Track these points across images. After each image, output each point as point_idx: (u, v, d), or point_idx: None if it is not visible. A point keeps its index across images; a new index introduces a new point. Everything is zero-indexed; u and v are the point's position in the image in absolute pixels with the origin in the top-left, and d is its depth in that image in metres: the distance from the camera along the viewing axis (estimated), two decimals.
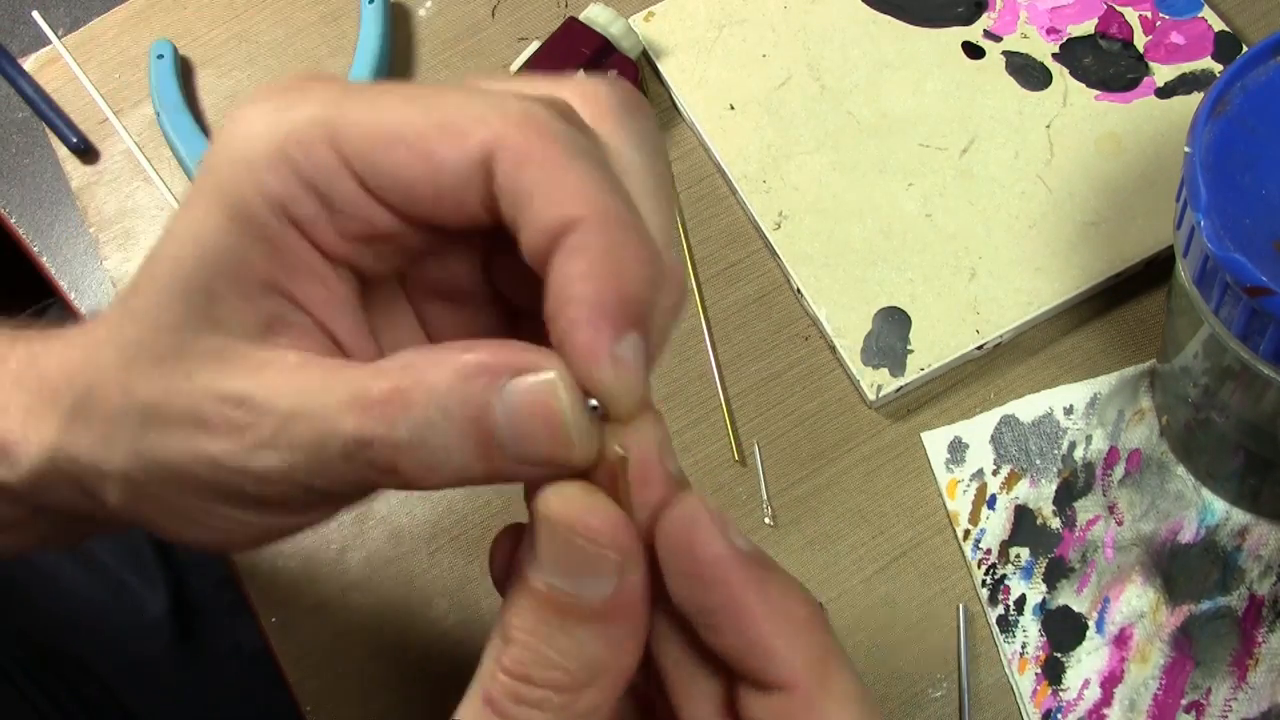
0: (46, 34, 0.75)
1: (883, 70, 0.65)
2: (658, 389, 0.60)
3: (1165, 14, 0.65)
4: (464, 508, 0.59)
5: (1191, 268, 0.44)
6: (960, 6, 0.67)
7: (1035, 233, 0.60)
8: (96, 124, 0.72)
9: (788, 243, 0.61)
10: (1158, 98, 0.63)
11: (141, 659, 0.71)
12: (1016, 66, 0.65)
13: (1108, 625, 0.54)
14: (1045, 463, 0.57)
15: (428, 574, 0.58)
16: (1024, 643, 0.54)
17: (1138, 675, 0.53)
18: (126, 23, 0.75)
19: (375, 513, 0.60)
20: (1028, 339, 0.59)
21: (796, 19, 0.67)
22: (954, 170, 0.62)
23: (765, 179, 0.63)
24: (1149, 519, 0.55)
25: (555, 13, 0.71)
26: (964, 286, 0.59)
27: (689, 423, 0.60)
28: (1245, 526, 0.55)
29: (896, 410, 0.59)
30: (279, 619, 0.58)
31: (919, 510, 0.57)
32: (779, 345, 0.61)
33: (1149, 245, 0.59)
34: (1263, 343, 0.42)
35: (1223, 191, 0.42)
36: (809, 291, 0.60)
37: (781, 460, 0.58)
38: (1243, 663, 0.52)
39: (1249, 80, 0.44)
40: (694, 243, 0.64)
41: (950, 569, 0.56)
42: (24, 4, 0.76)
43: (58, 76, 0.73)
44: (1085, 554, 0.55)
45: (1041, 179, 0.62)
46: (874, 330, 0.59)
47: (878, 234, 0.61)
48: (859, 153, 0.63)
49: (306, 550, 0.59)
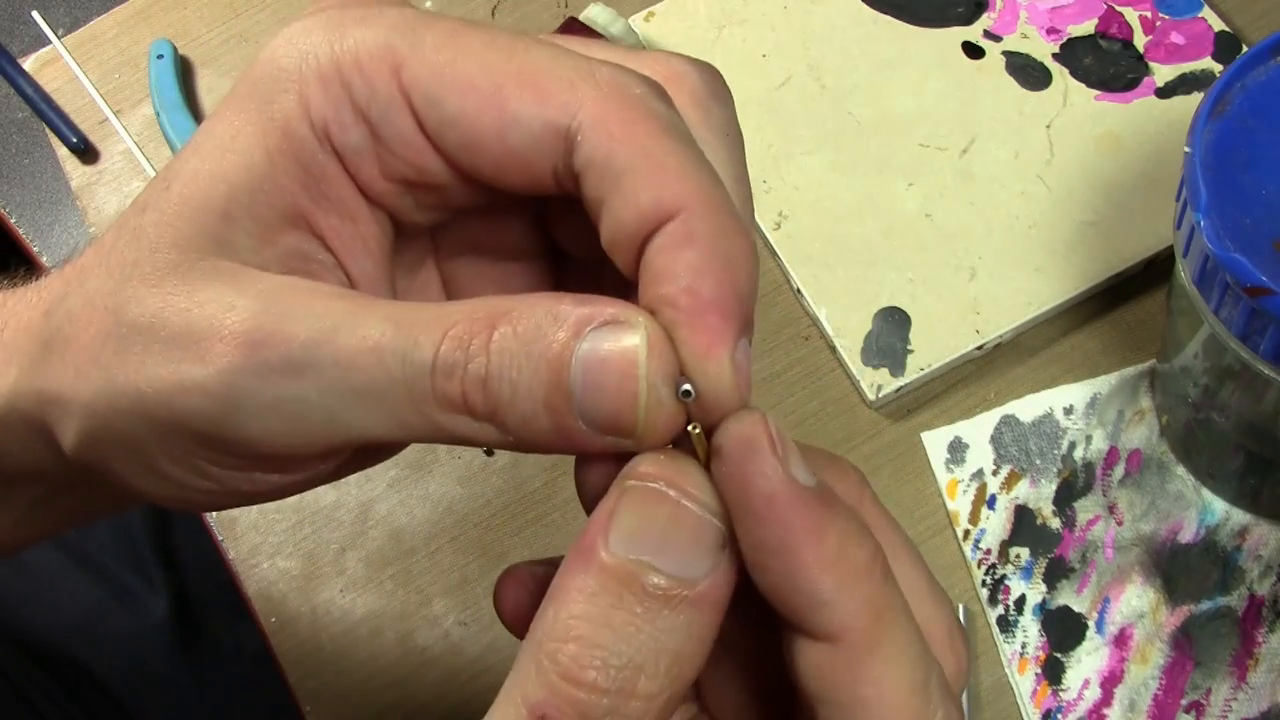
0: (46, 34, 0.75)
1: (883, 70, 0.65)
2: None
3: (1165, 14, 0.65)
4: (464, 508, 0.59)
5: (1191, 268, 0.44)
6: (960, 6, 0.67)
7: (1035, 233, 0.60)
8: (96, 124, 0.72)
9: (788, 243, 0.61)
10: (1158, 98, 0.63)
11: (142, 661, 0.71)
12: (1016, 66, 0.65)
13: (1108, 625, 0.54)
14: (1045, 463, 0.57)
15: (428, 574, 0.58)
16: (1024, 643, 0.54)
17: (1138, 675, 0.53)
18: (126, 23, 0.75)
19: (375, 513, 0.60)
20: (1028, 339, 0.59)
21: (796, 19, 0.67)
22: (954, 170, 0.62)
23: (765, 179, 0.63)
24: (1149, 519, 0.55)
25: (555, 13, 0.71)
26: (964, 286, 0.59)
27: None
28: (1245, 526, 0.55)
29: (896, 410, 0.59)
30: (279, 619, 0.58)
31: (919, 510, 0.57)
32: (779, 345, 0.61)
33: (1149, 245, 0.59)
34: (1263, 343, 0.42)
35: (1223, 191, 0.42)
36: (809, 291, 0.60)
37: None
38: (1243, 663, 0.52)
39: (1249, 80, 0.44)
40: None
41: (950, 569, 0.56)
42: (24, 4, 0.76)
43: (58, 76, 0.73)
44: (1085, 554, 0.55)
45: (1041, 179, 0.62)
46: (874, 330, 0.59)
47: (878, 234, 0.61)
48: (859, 153, 0.63)
49: (306, 550, 0.59)
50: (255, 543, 0.60)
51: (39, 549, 0.72)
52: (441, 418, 0.26)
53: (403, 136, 0.27)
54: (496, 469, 0.60)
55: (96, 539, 0.73)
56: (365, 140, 0.27)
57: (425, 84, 0.26)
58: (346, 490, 0.60)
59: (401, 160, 0.27)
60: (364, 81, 0.26)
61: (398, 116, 0.27)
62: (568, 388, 0.25)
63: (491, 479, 0.60)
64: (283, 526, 0.60)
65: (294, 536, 0.60)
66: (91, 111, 0.72)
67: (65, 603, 0.72)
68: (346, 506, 0.60)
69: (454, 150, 0.27)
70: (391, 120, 0.27)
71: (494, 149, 0.27)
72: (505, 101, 0.26)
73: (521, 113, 0.26)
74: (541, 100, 0.26)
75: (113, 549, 0.73)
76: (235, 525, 0.60)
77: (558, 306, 0.25)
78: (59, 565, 0.72)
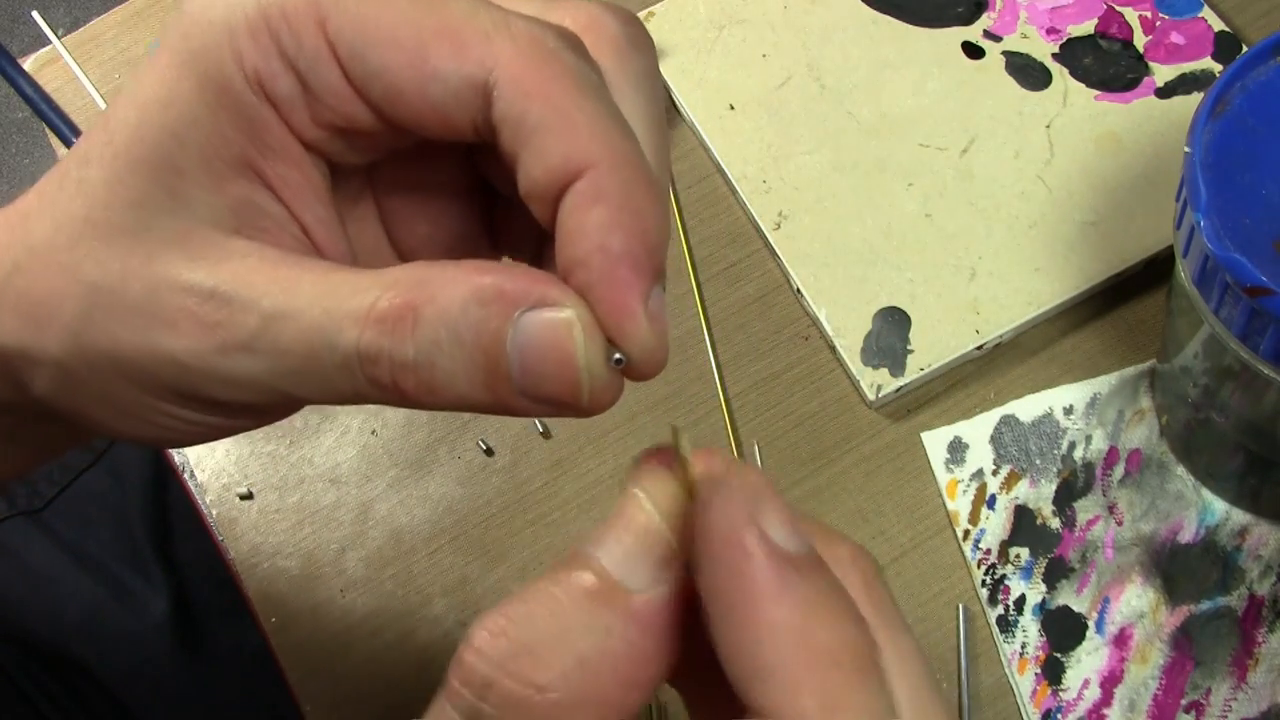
0: (46, 34, 0.75)
1: (883, 70, 0.65)
2: (658, 389, 0.60)
3: (1165, 14, 0.65)
4: (464, 508, 0.59)
5: (1191, 268, 0.44)
6: (960, 6, 0.67)
7: (1035, 233, 0.60)
8: None
9: (788, 243, 0.61)
10: (1158, 98, 0.63)
11: (143, 661, 0.71)
12: (1016, 66, 0.65)
13: (1107, 625, 0.54)
14: (1045, 463, 0.57)
15: (428, 574, 0.58)
16: (1024, 643, 0.54)
17: (1137, 675, 0.53)
18: (126, 23, 0.75)
19: (375, 513, 0.60)
20: (1028, 339, 0.59)
21: (796, 19, 0.67)
22: (954, 170, 0.62)
23: (765, 179, 0.63)
24: (1149, 519, 0.55)
25: None
26: (964, 286, 0.59)
27: (689, 423, 0.60)
28: (1245, 526, 0.55)
29: (896, 410, 0.59)
30: (279, 619, 0.58)
31: (919, 510, 0.57)
32: (779, 345, 0.61)
33: (1149, 245, 0.59)
34: (1263, 343, 0.42)
35: (1223, 191, 0.42)
36: (809, 291, 0.60)
37: (781, 460, 0.58)
38: (1242, 663, 0.52)
39: (1249, 80, 0.44)
40: (694, 243, 0.64)
41: (950, 569, 0.56)
42: (24, 4, 0.76)
43: (58, 76, 0.73)
44: (1085, 554, 0.55)
45: (1041, 179, 0.62)
46: (874, 330, 0.59)
47: (878, 234, 0.61)
48: (859, 153, 0.63)
49: (306, 550, 0.59)
50: (255, 543, 0.60)
51: (39, 549, 0.72)
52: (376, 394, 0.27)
53: (330, 87, 0.27)
54: (496, 469, 0.60)
55: (97, 539, 0.73)
56: (295, 90, 0.27)
57: (350, 37, 0.27)
58: (346, 490, 0.60)
59: (330, 109, 0.28)
60: (290, 33, 0.27)
61: (324, 68, 0.27)
62: (506, 371, 0.26)
63: (491, 479, 0.60)
64: (283, 526, 0.60)
65: (294, 536, 0.60)
66: (91, 112, 0.72)
67: (65, 602, 0.71)
68: (346, 506, 0.60)
69: (379, 101, 0.27)
70: (319, 71, 0.27)
71: (416, 102, 0.27)
72: (425, 56, 0.27)
73: (440, 67, 0.27)
74: (459, 55, 0.26)
75: (113, 549, 0.73)
76: (235, 525, 0.60)
77: (480, 283, 0.26)
78: (59, 565, 0.72)
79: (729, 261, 0.63)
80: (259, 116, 0.27)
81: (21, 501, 0.74)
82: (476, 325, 0.26)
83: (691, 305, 0.62)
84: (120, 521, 0.74)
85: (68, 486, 0.74)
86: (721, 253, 0.63)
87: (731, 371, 0.61)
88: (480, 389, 0.26)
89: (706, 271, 0.63)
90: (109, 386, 0.29)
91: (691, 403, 0.60)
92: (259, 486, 0.61)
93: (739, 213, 0.64)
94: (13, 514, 0.73)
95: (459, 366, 0.26)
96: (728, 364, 0.61)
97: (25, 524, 0.73)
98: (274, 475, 0.61)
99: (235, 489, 0.61)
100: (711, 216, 0.64)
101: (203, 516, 0.61)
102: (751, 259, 0.63)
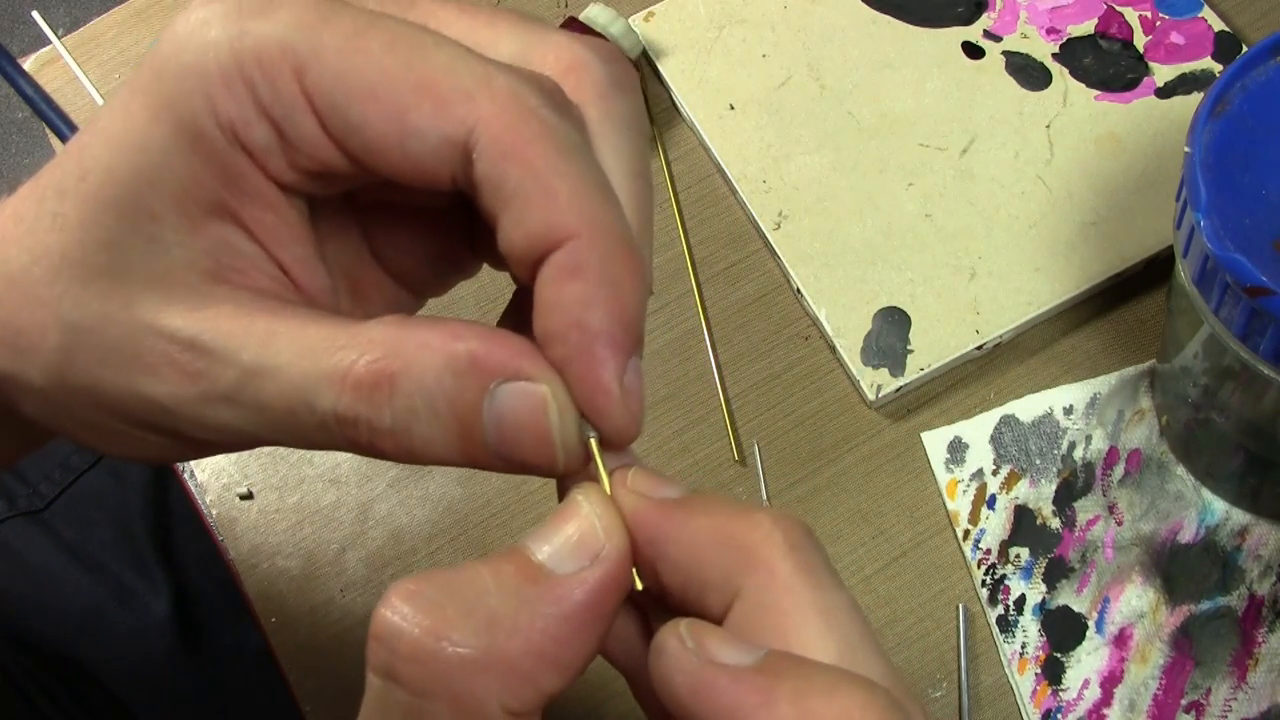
0: (46, 34, 0.74)
1: (883, 70, 0.65)
2: (658, 389, 0.60)
3: (1165, 14, 0.65)
4: (464, 508, 0.59)
5: (1191, 268, 0.44)
6: (960, 6, 0.67)
7: (1035, 233, 0.60)
8: None
9: (788, 243, 0.61)
10: (1158, 98, 0.63)
11: (143, 661, 0.71)
12: (1016, 66, 0.65)
13: (1107, 625, 0.54)
14: (1045, 463, 0.57)
15: None
16: (1024, 643, 0.54)
17: (1137, 675, 0.53)
18: (126, 23, 0.75)
19: (375, 513, 0.60)
20: (1028, 339, 0.59)
21: (796, 19, 0.67)
22: (954, 170, 0.62)
23: (765, 179, 0.63)
24: (1149, 519, 0.55)
25: (555, 13, 0.71)
26: (964, 286, 0.59)
27: (689, 423, 0.60)
28: (1245, 526, 0.55)
29: (896, 410, 0.59)
30: (279, 619, 0.58)
31: (919, 510, 0.57)
32: (779, 345, 0.61)
33: (1149, 245, 0.59)
34: (1263, 343, 0.42)
35: (1223, 191, 0.42)
36: (809, 291, 0.60)
37: (781, 460, 0.58)
38: (1242, 663, 0.52)
39: (1249, 80, 0.44)
40: (694, 243, 0.64)
41: (950, 569, 0.56)
42: (24, 4, 0.76)
43: (58, 76, 0.73)
44: (1085, 554, 0.55)
45: (1041, 179, 0.62)
46: (874, 330, 0.59)
47: (878, 234, 0.61)
48: (859, 153, 0.63)
49: (306, 550, 0.59)
50: (255, 543, 0.60)
51: (40, 549, 0.72)
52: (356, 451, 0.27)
53: (306, 137, 0.27)
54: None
55: (97, 539, 0.73)
56: (271, 138, 0.27)
57: (327, 89, 0.26)
58: (346, 490, 0.60)
59: (306, 157, 0.28)
60: (266, 82, 0.27)
61: (301, 118, 0.27)
62: (481, 439, 0.26)
63: (491, 479, 0.60)
64: (283, 526, 0.60)
65: (294, 536, 0.60)
66: (91, 111, 0.72)
67: (66, 602, 0.71)
68: (346, 506, 0.60)
69: (357, 152, 0.27)
70: (295, 121, 0.27)
71: (394, 156, 0.27)
72: (405, 113, 0.26)
73: (419, 125, 0.26)
74: (439, 113, 0.26)
75: (113, 549, 0.73)
76: (235, 525, 0.60)
77: (454, 350, 0.26)
78: (59, 565, 0.72)
79: (729, 261, 0.63)
80: (233, 164, 0.27)
81: (22, 502, 0.74)
82: (451, 396, 0.26)
83: (691, 305, 0.62)
84: (121, 522, 0.74)
85: (69, 487, 0.74)
86: (721, 253, 0.64)
87: (731, 371, 0.61)
88: (456, 454, 0.27)
89: (706, 271, 0.63)
90: (92, 416, 0.29)
91: (691, 403, 0.60)
92: (259, 486, 0.61)
93: (739, 213, 0.64)
94: (13, 514, 0.73)
95: (435, 434, 0.26)
96: (728, 364, 0.61)
97: (26, 524, 0.73)
98: (274, 475, 0.61)
99: (235, 489, 0.61)
100: (711, 216, 0.64)
101: (203, 516, 0.61)
102: (751, 259, 0.63)
